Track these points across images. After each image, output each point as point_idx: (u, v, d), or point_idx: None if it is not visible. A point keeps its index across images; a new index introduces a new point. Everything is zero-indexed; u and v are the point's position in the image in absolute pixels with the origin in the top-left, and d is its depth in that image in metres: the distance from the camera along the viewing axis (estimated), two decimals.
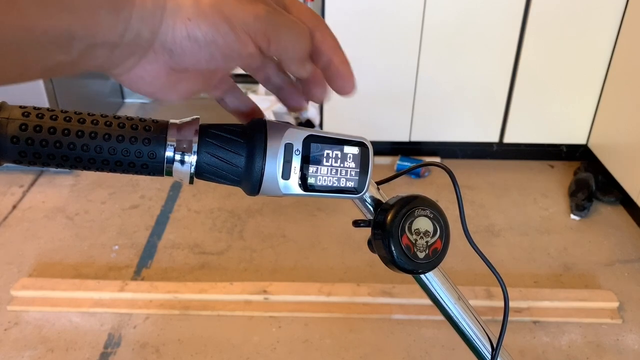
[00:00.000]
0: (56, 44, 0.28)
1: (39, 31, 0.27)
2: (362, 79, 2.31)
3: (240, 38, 0.32)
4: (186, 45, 0.32)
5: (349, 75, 0.38)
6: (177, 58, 0.32)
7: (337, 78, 0.38)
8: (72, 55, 0.29)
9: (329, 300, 1.70)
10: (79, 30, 0.28)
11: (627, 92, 2.14)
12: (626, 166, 2.14)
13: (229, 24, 0.32)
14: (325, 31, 0.36)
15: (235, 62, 0.34)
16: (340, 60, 0.37)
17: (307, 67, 0.36)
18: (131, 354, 1.55)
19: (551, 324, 1.68)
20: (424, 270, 0.45)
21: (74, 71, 0.30)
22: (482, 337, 0.52)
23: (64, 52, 0.28)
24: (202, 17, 0.31)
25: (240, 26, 0.32)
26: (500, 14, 2.19)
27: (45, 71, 0.29)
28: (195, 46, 0.32)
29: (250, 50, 0.33)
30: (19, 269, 1.84)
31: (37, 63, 0.28)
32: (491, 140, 2.47)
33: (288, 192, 0.39)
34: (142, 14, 0.30)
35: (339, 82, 0.38)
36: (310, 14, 0.36)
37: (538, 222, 2.14)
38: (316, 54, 0.36)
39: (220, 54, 0.32)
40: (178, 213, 2.14)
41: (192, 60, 0.33)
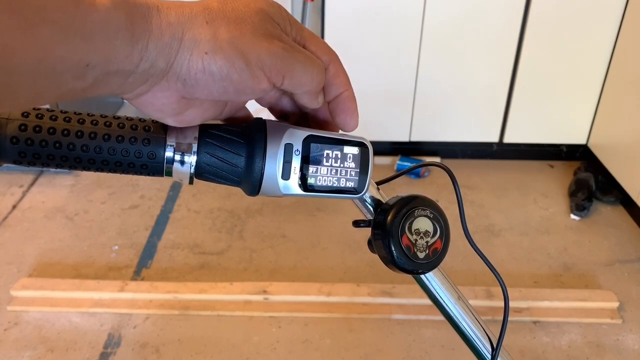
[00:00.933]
0: (72, 72, 0.28)
1: (56, 60, 0.27)
2: (362, 78, 2.32)
3: (254, 74, 0.32)
4: (200, 78, 0.32)
5: (354, 111, 0.39)
6: (189, 89, 0.33)
7: (343, 113, 0.39)
8: (87, 82, 0.29)
9: (329, 300, 1.70)
10: (94, 59, 0.28)
11: (627, 92, 2.14)
12: (626, 166, 2.14)
13: (244, 60, 0.32)
14: (339, 66, 0.38)
15: (248, 96, 0.34)
16: (349, 96, 0.38)
17: (320, 100, 0.37)
18: (131, 354, 1.55)
19: (551, 324, 1.68)
20: (424, 270, 0.45)
21: (87, 96, 0.30)
22: (482, 337, 0.52)
23: (78, 79, 0.28)
24: (219, 51, 0.32)
25: (255, 63, 0.32)
26: (500, 14, 2.19)
27: (58, 97, 0.29)
28: (209, 79, 0.32)
29: (263, 86, 0.33)
30: (18, 269, 1.84)
31: (51, 90, 0.28)
32: (491, 140, 2.47)
33: (288, 192, 0.39)
34: (159, 44, 0.31)
35: (344, 116, 0.39)
36: (325, 48, 0.37)
37: (538, 222, 2.14)
38: (327, 88, 0.38)
39: (234, 88, 0.33)
40: (178, 213, 2.14)
41: (204, 92, 0.33)
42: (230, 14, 0.33)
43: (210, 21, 0.32)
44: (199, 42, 0.31)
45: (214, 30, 0.32)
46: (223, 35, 0.32)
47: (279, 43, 0.33)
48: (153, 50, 0.30)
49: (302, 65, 0.34)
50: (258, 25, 0.33)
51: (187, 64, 0.32)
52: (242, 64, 0.32)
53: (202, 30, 0.32)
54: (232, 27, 0.32)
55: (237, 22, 0.32)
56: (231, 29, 0.32)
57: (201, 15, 0.32)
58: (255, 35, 0.32)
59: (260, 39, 0.32)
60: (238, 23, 0.32)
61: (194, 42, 0.31)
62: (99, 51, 0.28)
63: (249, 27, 0.33)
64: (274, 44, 0.33)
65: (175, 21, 0.31)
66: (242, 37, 0.32)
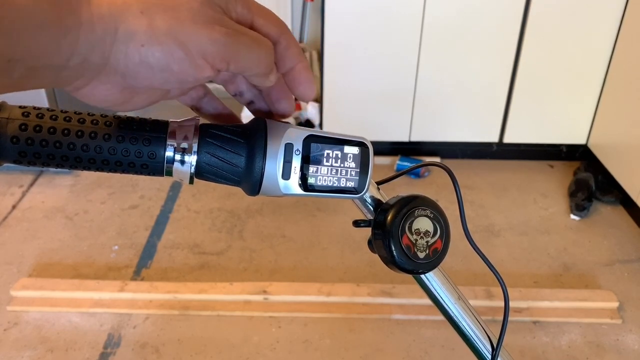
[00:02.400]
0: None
1: None
2: (362, 78, 2.32)
3: (196, 64, 0.31)
4: (139, 71, 0.31)
5: (310, 81, 0.37)
6: (130, 80, 0.32)
7: (299, 84, 0.37)
8: (13, 77, 0.28)
9: (329, 300, 1.70)
10: (18, 54, 0.27)
11: (627, 92, 2.14)
12: (626, 166, 2.14)
13: (184, 50, 0.31)
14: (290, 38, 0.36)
15: (193, 83, 0.33)
16: (303, 67, 0.37)
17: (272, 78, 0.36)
18: (131, 354, 1.55)
19: (551, 324, 1.68)
20: (424, 270, 0.45)
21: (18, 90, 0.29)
22: (482, 337, 0.52)
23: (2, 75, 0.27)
24: (156, 43, 0.30)
25: (196, 52, 0.31)
26: (500, 13, 2.19)
27: None
28: (149, 72, 0.31)
29: (207, 74, 0.32)
30: (18, 269, 1.84)
31: None
32: (491, 140, 2.47)
33: (288, 192, 0.39)
34: (91, 38, 0.29)
35: (301, 88, 0.37)
36: (274, 20, 0.35)
37: (538, 222, 2.14)
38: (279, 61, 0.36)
39: (175, 78, 0.32)
40: (178, 213, 2.14)
41: (145, 83, 0.32)
42: (166, 1, 0.31)
43: (145, 10, 0.30)
44: (134, 34, 0.30)
45: (150, 21, 0.30)
46: (160, 25, 0.30)
47: (220, 29, 0.31)
48: (85, 45, 0.29)
49: (247, 50, 0.33)
50: (197, 10, 0.31)
51: (124, 58, 0.30)
52: (181, 54, 0.31)
53: (137, 22, 0.30)
54: (169, 16, 0.30)
55: (174, 9, 0.31)
56: (168, 18, 0.30)
57: (135, 4, 0.30)
58: (195, 22, 0.31)
59: (200, 26, 0.31)
60: (175, 10, 0.31)
61: (129, 34, 0.30)
62: (21, 46, 0.27)
63: (188, 13, 0.31)
64: (215, 30, 0.31)
65: (107, 13, 0.30)
66: (181, 26, 0.30)
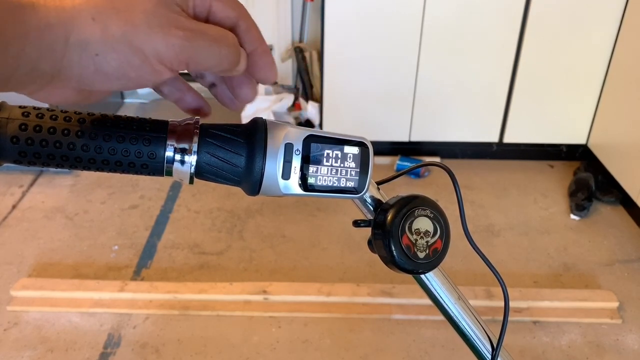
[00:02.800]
0: None
1: None
2: (362, 78, 2.32)
3: (153, 69, 0.30)
4: (95, 79, 0.30)
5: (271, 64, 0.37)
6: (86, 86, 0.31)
7: (260, 69, 0.36)
8: None
9: (329, 300, 1.70)
10: None
11: (627, 92, 2.14)
12: (626, 166, 2.14)
13: (140, 56, 0.30)
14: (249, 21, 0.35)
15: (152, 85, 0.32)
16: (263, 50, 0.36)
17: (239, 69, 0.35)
18: (131, 354, 1.55)
19: (551, 324, 1.68)
20: (424, 270, 0.45)
21: None
22: (482, 337, 0.52)
23: None
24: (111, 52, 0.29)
25: (153, 57, 0.30)
26: (500, 13, 2.19)
27: None
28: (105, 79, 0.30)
29: (165, 77, 0.31)
30: (18, 269, 1.84)
31: None
32: (491, 140, 2.47)
33: (288, 192, 0.39)
34: (38, 47, 0.28)
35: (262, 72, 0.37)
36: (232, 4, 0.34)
37: (538, 222, 2.14)
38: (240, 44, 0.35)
39: (134, 83, 0.31)
40: (178, 213, 2.14)
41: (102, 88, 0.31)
42: (119, 4, 0.29)
43: (97, 16, 0.28)
44: (87, 43, 0.28)
45: (103, 27, 0.28)
46: (114, 32, 0.29)
47: (176, 32, 0.30)
48: (32, 54, 0.28)
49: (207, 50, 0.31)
50: (152, 12, 0.30)
51: (78, 67, 0.29)
52: (138, 61, 0.29)
53: (89, 29, 0.28)
54: (123, 20, 0.29)
55: (128, 12, 0.29)
56: (122, 23, 0.29)
57: (86, 10, 0.28)
58: (150, 27, 0.29)
59: (155, 30, 0.29)
60: (129, 13, 0.29)
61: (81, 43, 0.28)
62: None
63: (142, 16, 0.29)
64: (172, 34, 0.30)
65: (55, 21, 0.28)
66: (135, 31, 0.29)
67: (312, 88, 2.79)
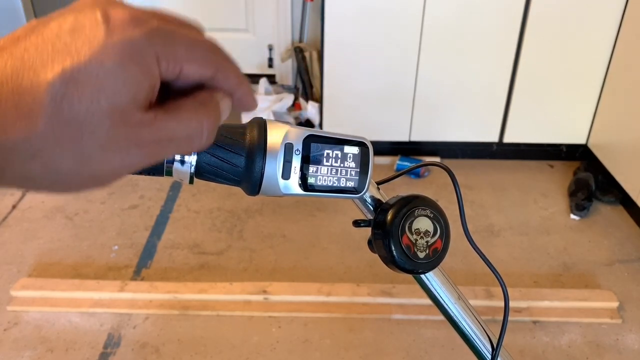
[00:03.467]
0: None
1: None
2: (362, 78, 2.32)
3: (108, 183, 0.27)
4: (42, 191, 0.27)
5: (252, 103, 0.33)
6: None
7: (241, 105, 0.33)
8: None
9: (329, 300, 1.70)
10: None
11: (627, 92, 2.14)
12: (626, 166, 2.14)
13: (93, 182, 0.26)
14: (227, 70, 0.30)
15: None
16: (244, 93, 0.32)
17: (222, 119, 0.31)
18: (131, 354, 1.55)
19: (551, 324, 1.68)
20: (424, 270, 0.45)
21: None
22: (482, 337, 0.52)
23: None
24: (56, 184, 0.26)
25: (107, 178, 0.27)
26: (500, 13, 2.19)
27: None
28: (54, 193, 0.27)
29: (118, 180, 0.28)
30: (18, 269, 1.84)
31: None
32: (491, 140, 2.47)
33: (288, 192, 0.39)
34: None
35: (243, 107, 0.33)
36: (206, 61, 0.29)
37: (538, 222, 2.14)
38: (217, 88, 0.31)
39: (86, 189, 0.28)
40: (178, 213, 2.14)
41: None
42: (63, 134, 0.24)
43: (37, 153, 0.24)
44: (26, 178, 0.25)
45: (44, 164, 0.24)
46: (58, 167, 0.24)
47: (136, 151, 0.26)
48: None
49: (172, 153, 0.28)
50: (106, 136, 0.25)
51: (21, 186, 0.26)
52: (90, 184, 0.26)
53: (27, 166, 0.24)
54: (70, 154, 0.24)
55: (74, 143, 0.24)
56: (69, 157, 0.24)
57: (22, 145, 0.24)
58: (105, 152, 0.25)
59: (111, 154, 0.25)
60: (76, 144, 0.24)
61: (19, 178, 0.25)
62: None
63: (94, 144, 0.25)
64: (131, 154, 0.26)
65: None
66: (87, 162, 0.25)
67: (312, 88, 2.79)
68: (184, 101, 0.28)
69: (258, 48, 3.06)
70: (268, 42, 3.04)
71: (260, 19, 2.99)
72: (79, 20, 0.25)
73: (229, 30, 3.00)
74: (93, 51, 0.24)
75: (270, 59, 3.07)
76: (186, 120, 0.28)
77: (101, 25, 0.25)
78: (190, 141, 0.28)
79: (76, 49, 0.24)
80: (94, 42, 0.24)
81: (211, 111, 0.29)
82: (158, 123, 0.27)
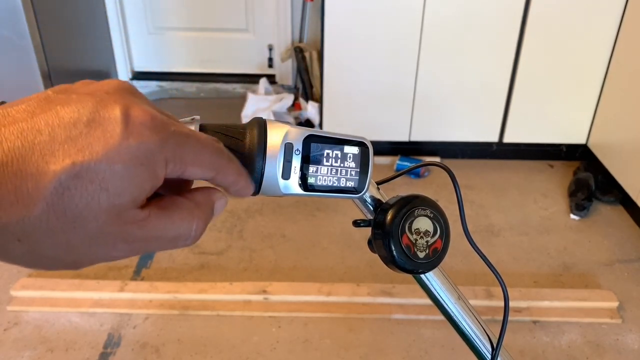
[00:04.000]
0: None
1: None
2: (362, 78, 2.32)
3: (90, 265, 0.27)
4: None
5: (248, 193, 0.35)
6: None
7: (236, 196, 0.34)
8: None
9: (329, 300, 1.70)
10: None
11: (627, 91, 2.14)
12: (626, 166, 2.14)
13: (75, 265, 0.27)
14: (227, 171, 0.31)
15: None
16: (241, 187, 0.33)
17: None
18: (131, 354, 1.55)
19: (551, 324, 1.68)
20: (424, 270, 0.45)
21: None
22: (482, 337, 0.52)
23: None
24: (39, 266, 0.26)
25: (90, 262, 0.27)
26: (500, 13, 2.19)
27: None
28: None
29: None
30: (18, 269, 1.83)
31: None
32: (491, 140, 2.47)
33: (288, 192, 0.39)
34: None
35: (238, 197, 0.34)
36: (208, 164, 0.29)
37: (538, 222, 2.14)
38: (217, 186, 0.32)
39: None
40: None
41: None
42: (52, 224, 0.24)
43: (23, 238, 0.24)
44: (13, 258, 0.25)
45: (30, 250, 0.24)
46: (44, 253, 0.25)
47: (122, 246, 0.26)
48: None
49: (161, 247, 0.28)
50: (97, 232, 0.25)
51: None
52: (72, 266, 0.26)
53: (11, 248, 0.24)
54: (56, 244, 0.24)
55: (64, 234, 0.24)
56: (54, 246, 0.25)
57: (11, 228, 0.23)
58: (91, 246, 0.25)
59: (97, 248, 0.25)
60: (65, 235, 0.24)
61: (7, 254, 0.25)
62: None
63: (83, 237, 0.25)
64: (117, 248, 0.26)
65: None
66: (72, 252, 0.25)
67: (312, 88, 2.79)
68: (180, 201, 0.29)
69: (258, 48, 3.06)
70: (268, 42, 3.04)
71: (260, 19, 2.99)
72: (99, 113, 0.25)
73: (229, 30, 3.00)
74: (106, 151, 0.24)
75: (270, 59, 3.07)
76: (178, 221, 0.28)
77: (120, 124, 0.25)
78: (176, 241, 0.28)
79: (89, 144, 0.24)
80: (109, 141, 0.24)
81: (204, 213, 0.30)
82: (150, 222, 0.27)
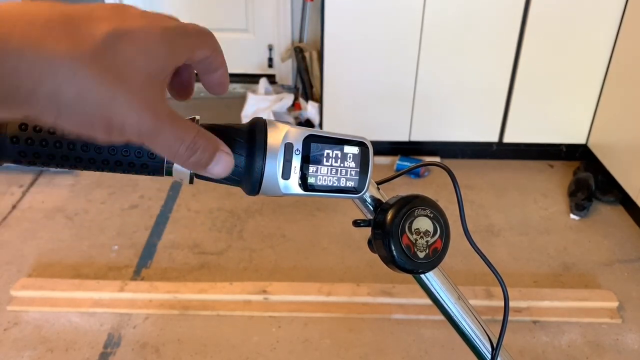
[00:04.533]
0: None
1: None
2: (362, 78, 2.32)
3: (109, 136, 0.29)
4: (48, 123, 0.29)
5: (227, 86, 0.36)
6: None
7: (217, 86, 0.36)
8: None
9: (329, 300, 1.70)
10: None
11: (627, 91, 2.14)
12: (626, 166, 2.14)
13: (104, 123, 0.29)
14: (219, 51, 0.34)
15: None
16: (225, 72, 0.36)
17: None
18: (131, 354, 1.55)
19: (551, 324, 1.68)
20: (424, 270, 0.45)
21: None
22: (482, 337, 0.52)
23: None
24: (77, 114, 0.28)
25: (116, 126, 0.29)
26: (500, 13, 2.19)
27: None
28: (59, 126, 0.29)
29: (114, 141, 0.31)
30: (18, 269, 1.84)
31: None
32: (491, 140, 2.47)
33: (288, 192, 0.39)
34: None
35: (219, 89, 0.36)
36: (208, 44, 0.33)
37: (538, 222, 2.14)
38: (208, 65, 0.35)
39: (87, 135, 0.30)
40: (177, 213, 2.14)
41: None
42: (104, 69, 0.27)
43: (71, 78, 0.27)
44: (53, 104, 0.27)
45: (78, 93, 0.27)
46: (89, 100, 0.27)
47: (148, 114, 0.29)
48: None
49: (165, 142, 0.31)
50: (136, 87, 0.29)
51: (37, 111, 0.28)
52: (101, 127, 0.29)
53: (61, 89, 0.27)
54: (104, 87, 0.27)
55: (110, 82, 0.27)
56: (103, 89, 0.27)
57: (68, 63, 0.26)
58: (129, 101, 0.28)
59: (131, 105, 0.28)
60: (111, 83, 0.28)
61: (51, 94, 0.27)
62: None
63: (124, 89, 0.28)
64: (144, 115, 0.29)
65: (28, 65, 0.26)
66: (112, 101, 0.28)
67: (312, 88, 2.79)
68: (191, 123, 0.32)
69: (258, 48, 3.06)
70: (268, 42, 3.04)
71: (260, 19, 2.99)
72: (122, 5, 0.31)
73: (229, 30, 3.00)
74: (145, 24, 0.29)
75: (270, 59, 3.07)
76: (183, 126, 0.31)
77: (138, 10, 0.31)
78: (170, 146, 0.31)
79: (132, 16, 0.29)
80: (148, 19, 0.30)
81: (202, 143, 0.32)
82: (167, 108, 0.30)
